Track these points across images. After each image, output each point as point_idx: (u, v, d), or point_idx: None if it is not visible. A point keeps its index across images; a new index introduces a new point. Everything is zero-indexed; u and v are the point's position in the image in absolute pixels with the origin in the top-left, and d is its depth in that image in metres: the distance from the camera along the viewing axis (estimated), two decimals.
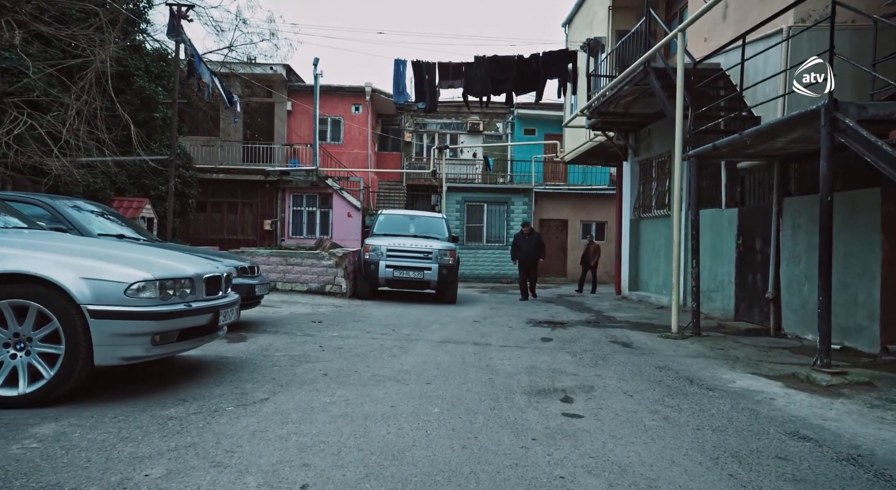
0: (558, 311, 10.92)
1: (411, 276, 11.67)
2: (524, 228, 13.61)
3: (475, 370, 5.20)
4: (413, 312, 9.83)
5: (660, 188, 12.64)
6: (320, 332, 7.21)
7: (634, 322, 9.44)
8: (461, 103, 28.02)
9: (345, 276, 11.68)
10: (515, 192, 23.12)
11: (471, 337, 7.23)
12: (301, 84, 22.92)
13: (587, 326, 8.77)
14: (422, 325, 8.25)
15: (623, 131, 13.47)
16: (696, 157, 7.61)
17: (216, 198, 21.28)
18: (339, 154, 23.00)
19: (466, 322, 8.77)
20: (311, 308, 9.81)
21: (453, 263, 11.90)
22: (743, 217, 8.90)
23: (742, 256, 8.89)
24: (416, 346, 6.45)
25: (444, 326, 8.17)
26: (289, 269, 11.64)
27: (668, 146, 11.52)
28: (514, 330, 8.06)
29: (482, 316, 9.73)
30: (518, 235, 13.73)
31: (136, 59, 14.87)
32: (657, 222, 12.68)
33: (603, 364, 5.74)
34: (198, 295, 4.22)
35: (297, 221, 21.73)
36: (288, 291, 11.65)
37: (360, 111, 23.34)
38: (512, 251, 13.74)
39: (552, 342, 7.07)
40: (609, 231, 23.64)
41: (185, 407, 3.69)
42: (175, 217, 15.62)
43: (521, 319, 9.35)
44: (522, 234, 13.54)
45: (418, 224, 13.47)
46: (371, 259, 11.73)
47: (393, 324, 8.22)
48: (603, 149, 16.21)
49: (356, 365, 5.24)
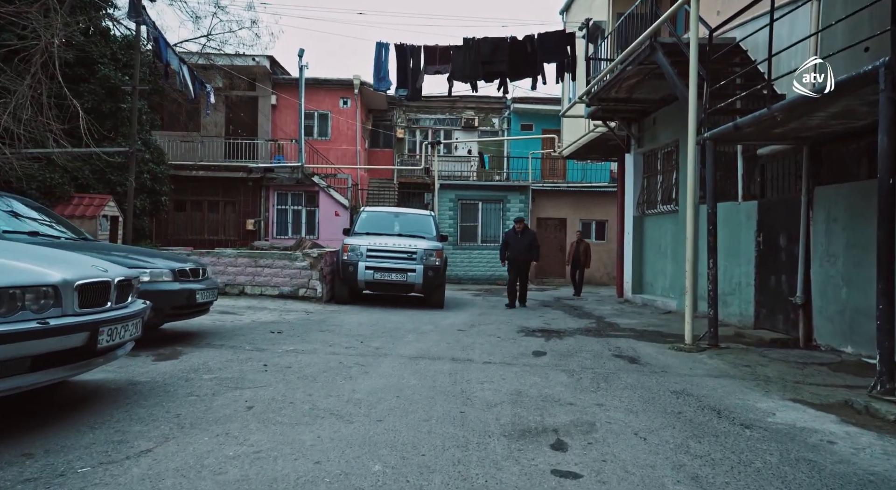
0: (555, 317, 9.85)
1: (393, 279, 10.60)
2: (517, 225, 11.68)
3: (445, 399, 4.13)
4: (392, 319, 8.77)
5: (666, 181, 11.58)
6: (275, 345, 6.14)
7: (640, 330, 8.37)
8: (455, 98, 27.24)
9: (320, 278, 10.62)
10: (511, 189, 22.05)
11: (450, 351, 6.16)
12: (286, 77, 21.86)
13: (587, 336, 7.71)
14: (397, 335, 7.18)
15: (625, 120, 12.41)
16: (712, 141, 6.54)
17: (196, 196, 20.22)
18: (327, 150, 21.93)
19: (449, 331, 7.70)
20: (278, 315, 8.75)
21: (440, 264, 10.84)
22: (764, 211, 7.83)
23: (763, 255, 7.83)
24: (382, 363, 5.38)
25: (423, 337, 7.10)
26: (258, 271, 10.58)
27: (676, 134, 10.45)
28: (502, 341, 6.99)
29: (469, 323, 8.66)
30: (509, 233, 11.94)
31: (101, 46, 13.81)
32: (663, 219, 11.61)
33: (606, 387, 4.67)
34: (66, 307, 3.15)
35: (281, 221, 20.66)
36: (257, 296, 10.58)
37: (349, 105, 22.27)
38: (501, 251, 11.95)
39: (545, 357, 6.00)
40: (610, 230, 22.60)
41: (20, 468, 2.62)
42: (146, 215, 14.57)
43: (511, 328, 8.29)
44: (514, 231, 11.73)
45: (404, 222, 12.41)
46: (349, 260, 10.67)
47: (364, 334, 7.15)
48: (603, 141, 15.16)
49: (296, 392, 4.17)
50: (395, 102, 25.78)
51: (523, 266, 11.56)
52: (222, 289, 10.51)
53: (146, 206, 14.36)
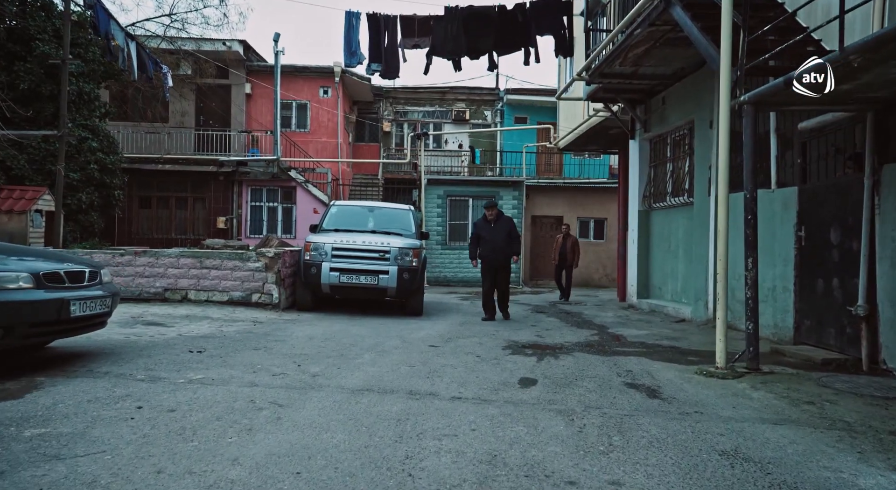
0: (549, 328, 8.37)
1: (362, 282, 9.11)
2: (488, 212, 9.13)
3: (375, 477, 2.64)
4: (353, 331, 7.27)
5: (678, 170, 10.11)
6: (180, 372, 4.65)
7: (652, 345, 6.89)
8: (445, 89, 25.79)
9: (277, 282, 9.11)
10: (504, 185, 20.54)
11: (411, 379, 4.67)
12: (261, 63, 20.34)
13: (588, 353, 6.22)
14: (350, 354, 5.68)
15: (630, 102, 10.95)
16: (752, 105, 5.06)
17: (163, 192, 18.70)
18: (306, 143, 20.42)
19: (419, 347, 6.21)
20: (217, 326, 7.25)
21: (417, 265, 9.36)
22: (807, 199, 6.36)
23: (806, 254, 6.36)
24: (309, 402, 3.89)
25: (382, 357, 5.61)
26: (204, 273, 9.07)
27: (690, 114, 9.00)
28: (482, 362, 5.50)
29: (446, 336, 7.16)
30: (479, 223, 9.30)
31: (41, 20, 12.29)
32: (674, 213, 10.15)
33: (622, 445, 3.19)
34: None
35: (256, 218, 19.14)
36: (202, 302, 9.06)
37: (330, 95, 20.77)
38: (470, 246, 9.26)
39: (535, 388, 4.51)
40: (609, 228, 21.15)
41: None
42: (94, 211, 13.06)
43: (496, 342, 6.80)
44: (486, 220, 9.14)
45: (379, 217, 10.92)
46: (312, 260, 9.18)
47: (308, 353, 5.66)
48: (604, 130, 13.72)
49: (142, 466, 2.67)
50: (381, 94, 24.32)
51: (501, 263, 9.07)
52: (161, 295, 9.01)
53: (94, 200, 12.84)
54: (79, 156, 12.47)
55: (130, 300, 8.93)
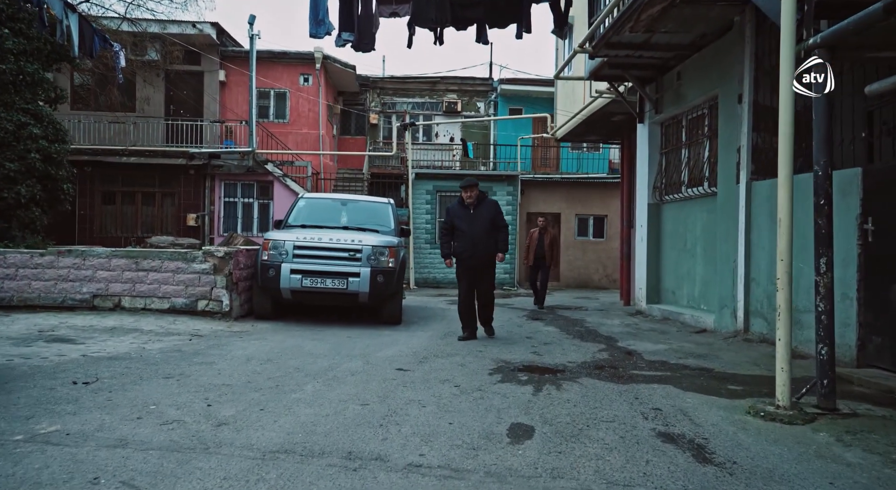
0: (547, 340, 7.02)
1: (328, 286, 7.76)
2: (465, 194, 6.85)
3: None
4: (308, 348, 5.91)
5: (696, 156, 8.78)
6: (34, 417, 3.30)
7: (676, 365, 5.54)
8: (436, 79, 24.39)
9: (228, 286, 7.74)
10: (497, 179, 19.23)
11: (355, 430, 3.31)
12: (237, 48, 18.93)
13: (598, 378, 4.87)
14: (288, 385, 4.32)
15: (639, 80, 9.60)
16: (827, 50, 3.71)
17: (128, 187, 17.27)
18: (285, 134, 19.03)
19: (382, 373, 4.85)
20: (142, 343, 5.89)
21: (394, 266, 8.01)
22: (876, 182, 5.03)
23: (873, 252, 5.03)
24: (184, 483, 2.53)
25: (329, 388, 4.25)
26: (140, 276, 7.68)
27: (713, 88, 7.67)
28: (460, 397, 4.14)
29: (423, 353, 5.81)
30: (453, 208, 7.00)
31: None
32: (691, 206, 8.82)
33: None
34: None
35: (229, 215, 17.74)
36: (138, 311, 7.67)
37: (311, 83, 19.37)
38: (441, 239, 7.16)
39: (532, 444, 3.16)
40: (610, 226, 19.86)
41: None
42: (36, 206, 11.63)
43: (483, 363, 5.44)
44: (462, 204, 6.90)
45: (353, 212, 9.59)
46: (270, 261, 7.83)
47: (233, 384, 4.30)
48: (605, 117, 12.40)
49: None
50: (367, 84, 22.95)
51: (483, 262, 6.85)
52: (89, 302, 7.63)
53: (37, 194, 11.42)
54: (17, 143, 11.06)
55: (50, 308, 7.55)
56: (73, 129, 17.11)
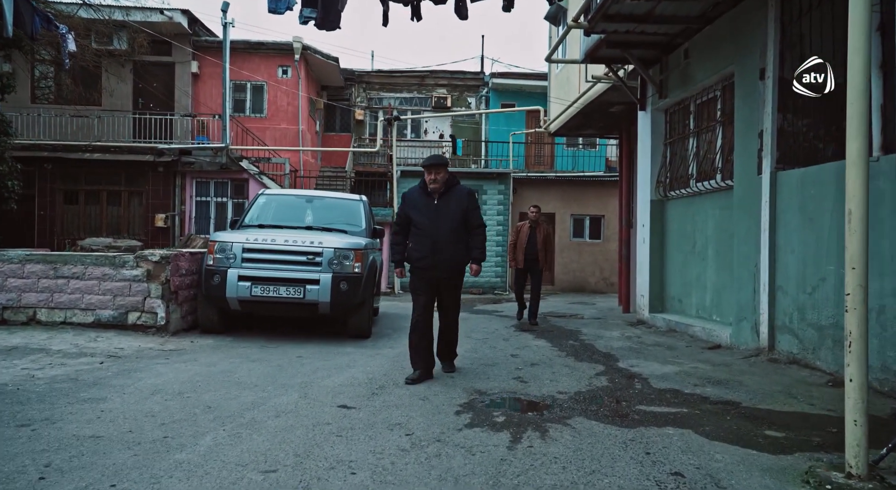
0: (535, 359, 5.93)
1: (282, 296, 6.67)
2: (428, 176, 4.91)
3: None
4: (239, 375, 4.81)
5: (707, 145, 7.70)
6: None
7: (692, 396, 4.45)
8: (425, 73, 23.26)
9: (164, 295, 6.63)
10: (488, 177, 18.23)
11: None
12: (211, 38, 17.81)
13: (595, 418, 3.79)
14: (182, 436, 3.23)
15: (641, 60, 8.53)
16: None
17: (92, 185, 16.13)
18: (262, 130, 17.92)
19: (317, 413, 3.76)
20: (38, 368, 4.81)
21: (361, 272, 6.93)
22: None
23: None
24: None
25: (236, 441, 3.15)
26: (60, 284, 6.57)
27: (728, 64, 6.61)
28: (409, 453, 3.05)
29: (380, 380, 4.71)
30: (411, 195, 5.12)
31: None
32: (701, 202, 7.75)
33: None
34: None
35: (202, 215, 16.60)
36: (57, 325, 6.55)
37: (290, 75, 18.27)
38: (392, 238, 5.23)
39: None
40: (607, 226, 18.84)
41: None
42: None
43: (451, 395, 4.35)
44: (424, 190, 5.02)
45: (320, 210, 8.51)
46: (216, 266, 6.74)
47: (108, 435, 3.20)
48: (603, 108, 11.36)
49: None
50: (353, 78, 21.88)
51: (447, 273, 4.94)
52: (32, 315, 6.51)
53: None
54: None
55: None
56: (33, 124, 16.04)
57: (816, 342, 5.11)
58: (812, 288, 5.17)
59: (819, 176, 5.15)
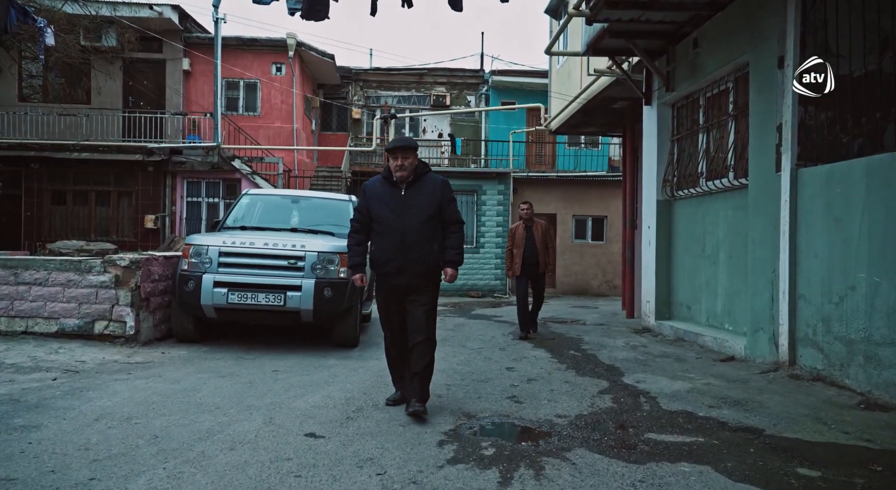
0: (532, 374, 5.43)
1: (261, 303, 6.19)
2: (395, 162, 3.96)
3: None
4: (202, 396, 4.32)
5: (717, 141, 7.20)
6: None
7: (707, 421, 3.95)
8: (423, 71, 22.76)
9: (135, 302, 6.15)
10: (488, 177, 17.71)
11: None
12: (202, 35, 17.36)
13: (599, 451, 3.29)
14: (105, 483, 2.74)
15: (646, 51, 8.03)
16: None
17: (80, 185, 15.70)
18: (255, 129, 17.44)
19: (280, 443, 3.27)
20: None
21: (347, 277, 6.43)
22: None
23: None
24: None
25: (174, 485, 2.67)
26: (21, 291, 6.10)
27: (742, 53, 6.12)
28: None
29: (356, 403, 4.22)
30: (373, 186, 4.18)
31: None
32: (712, 202, 7.25)
33: None
34: None
35: (193, 216, 16.13)
36: (17, 335, 6.07)
37: (284, 72, 17.80)
38: (351, 238, 4.20)
39: None
40: (610, 228, 18.36)
41: None
42: None
43: (437, 419, 3.85)
44: (389, 180, 4.10)
45: (306, 211, 8.06)
46: (190, 271, 6.27)
47: (21, 477, 2.72)
48: (606, 103, 10.87)
49: None
50: (349, 76, 21.40)
51: (417, 278, 4.04)
52: None
53: None
54: None
55: None
56: (20, 123, 15.60)
57: (845, 358, 4.60)
58: (839, 297, 4.66)
59: (848, 173, 4.64)
